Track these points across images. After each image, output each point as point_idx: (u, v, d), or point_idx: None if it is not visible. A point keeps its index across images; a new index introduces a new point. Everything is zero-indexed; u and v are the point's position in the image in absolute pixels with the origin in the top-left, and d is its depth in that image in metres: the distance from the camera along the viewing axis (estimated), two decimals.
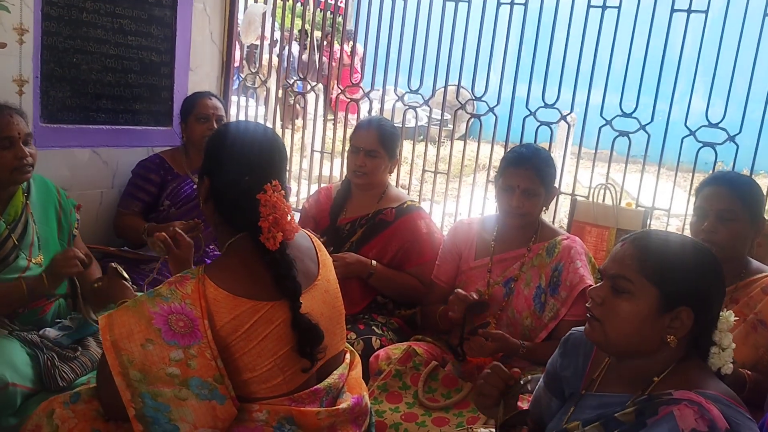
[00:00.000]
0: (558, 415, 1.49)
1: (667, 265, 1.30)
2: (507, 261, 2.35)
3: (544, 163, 2.27)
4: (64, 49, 2.83)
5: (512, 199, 2.23)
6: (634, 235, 1.37)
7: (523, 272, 2.32)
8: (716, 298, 1.33)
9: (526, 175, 2.22)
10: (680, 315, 1.28)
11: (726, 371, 1.30)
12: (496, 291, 2.34)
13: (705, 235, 1.96)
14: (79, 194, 2.97)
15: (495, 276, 2.36)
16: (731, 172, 2.15)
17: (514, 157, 2.29)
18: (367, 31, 3.49)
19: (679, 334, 1.29)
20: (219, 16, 3.54)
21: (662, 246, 1.33)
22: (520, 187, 2.22)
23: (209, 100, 2.98)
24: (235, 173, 1.50)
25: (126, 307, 1.42)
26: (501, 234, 2.39)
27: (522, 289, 2.30)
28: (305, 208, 2.87)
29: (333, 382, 1.59)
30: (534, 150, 2.33)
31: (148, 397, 1.36)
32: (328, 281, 1.64)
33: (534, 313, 2.26)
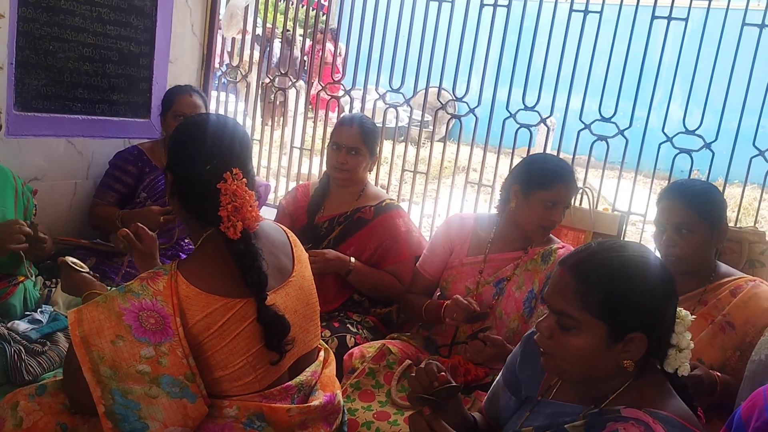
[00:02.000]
0: (513, 418, 1.49)
1: (611, 297, 1.24)
2: (501, 262, 2.34)
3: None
4: (41, 36, 2.78)
5: (556, 215, 2.23)
6: (574, 259, 1.30)
7: (516, 274, 2.31)
8: (668, 313, 1.29)
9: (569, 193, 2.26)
10: (633, 341, 1.24)
11: (682, 372, 1.29)
12: (486, 290, 2.32)
13: (665, 249, 1.98)
14: (53, 184, 2.93)
15: (486, 275, 2.34)
16: (689, 181, 2.13)
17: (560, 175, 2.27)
18: (350, 29, 3.48)
19: (634, 357, 1.26)
20: (201, 8, 3.50)
21: (604, 275, 1.26)
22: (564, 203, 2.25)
23: (189, 97, 2.92)
24: (197, 165, 1.48)
25: (96, 302, 1.39)
26: (500, 234, 2.37)
27: (513, 291, 2.29)
28: (282, 205, 2.85)
29: (305, 379, 1.58)
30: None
31: (118, 394, 1.34)
32: (303, 277, 1.63)
33: (522, 317, 2.26)
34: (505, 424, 1.54)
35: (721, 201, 2.05)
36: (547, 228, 2.27)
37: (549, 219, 2.24)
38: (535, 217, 2.24)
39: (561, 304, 1.28)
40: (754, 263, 2.31)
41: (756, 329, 1.86)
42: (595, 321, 1.24)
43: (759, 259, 2.32)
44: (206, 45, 3.56)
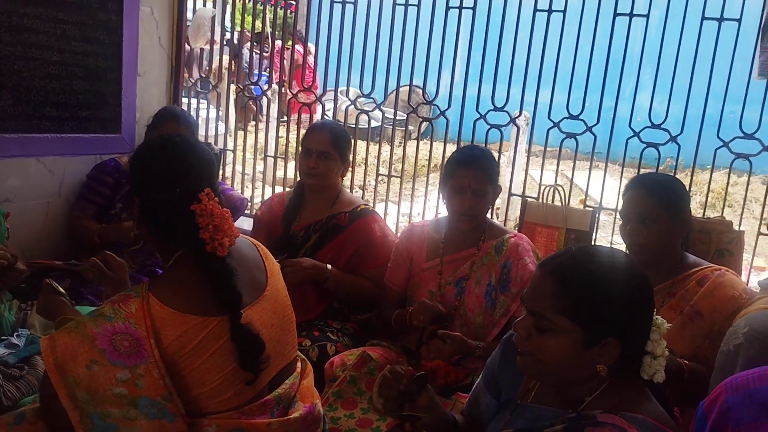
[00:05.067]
0: (494, 421, 1.51)
1: (587, 302, 1.26)
2: (457, 261, 2.39)
3: (490, 162, 2.35)
4: (5, 56, 2.75)
5: (464, 200, 2.27)
6: (553, 263, 1.33)
7: (473, 271, 2.35)
8: (644, 321, 1.32)
9: (475, 174, 2.26)
10: (607, 346, 1.27)
11: (657, 379, 1.31)
12: (448, 291, 2.37)
13: (629, 239, 2.03)
14: (24, 205, 2.91)
15: (446, 276, 2.39)
16: (652, 173, 2.21)
17: (463, 158, 2.32)
18: (318, 32, 3.48)
19: (608, 362, 1.28)
20: (167, 20, 3.48)
21: (582, 280, 1.28)
22: (471, 186, 2.26)
23: (177, 126, 2.86)
24: (164, 188, 1.48)
25: (68, 328, 1.39)
26: (450, 235, 2.43)
27: (473, 287, 2.34)
28: (257, 216, 2.86)
29: (283, 392, 1.59)
30: (480, 150, 2.40)
31: (96, 417, 1.35)
32: (277, 290, 1.64)
33: (486, 311, 2.30)
34: (486, 425, 1.56)
35: (683, 192, 2.09)
36: (462, 214, 2.31)
37: (460, 204, 2.29)
38: (450, 206, 2.33)
39: (538, 306, 1.30)
40: (722, 252, 2.36)
41: (723, 317, 1.91)
42: (571, 324, 1.26)
43: (728, 248, 2.37)
44: (174, 57, 3.54)
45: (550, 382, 1.37)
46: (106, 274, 1.83)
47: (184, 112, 3.11)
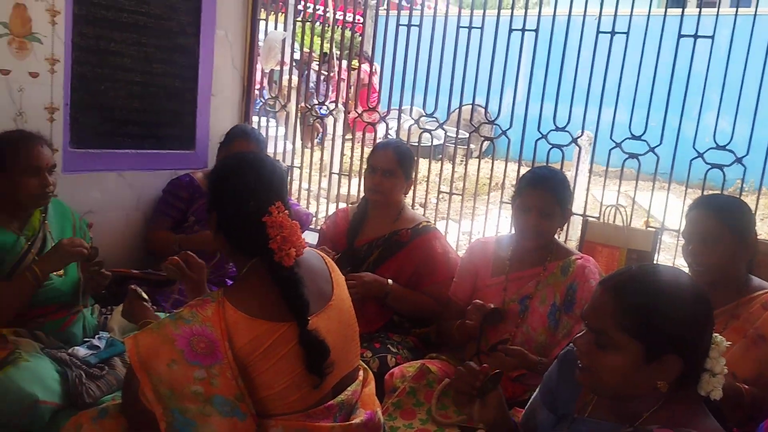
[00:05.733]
0: None
1: (647, 318, 1.28)
2: (522, 279, 2.41)
3: (560, 185, 2.34)
4: (93, 77, 2.97)
5: (529, 219, 2.30)
6: (613, 281, 1.35)
7: (538, 290, 2.37)
8: (704, 338, 1.32)
9: (542, 195, 2.29)
10: (667, 362, 1.28)
11: (715, 396, 1.31)
12: (512, 308, 2.39)
13: (691, 259, 2.01)
14: (106, 216, 3.09)
15: (510, 294, 2.41)
16: (716, 194, 2.18)
17: (533, 179, 2.36)
18: (384, 53, 3.59)
19: (669, 379, 1.29)
20: (240, 42, 3.66)
21: (642, 296, 1.30)
22: (537, 207, 2.29)
23: (247, 143, 3.04)
24: (239, 202, 1.58)
25: (150, 329, 1.50)
26: (516, 253, 2.45)
27: (537, 306, 2.35)
28: (323, 230, 2.96)
29: (346, 398, 1.65)
30: (551, 171, 2.41)
31: (177, 412, 1.44)
32: (342, 300, 1.71)
33: (548, 330, 2.32)
34: None
35: (748, 213, 2.07)
36: (526, 235, 2.34)
37: (524, 224, 2.32)
38: (516, 225, 2.36)
39: (598, 323, 1.32)
40: None
41: None
42: (631, 341, 1.28)
43: None
44: (246, 77, 3.71)
45: (609, 397, 1.39)
46: (185, 273, 1.95)
47: (254, 130, 3.25)
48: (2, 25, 2.54)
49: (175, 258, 1.97)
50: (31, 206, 2.41)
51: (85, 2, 2.87)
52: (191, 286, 1.95)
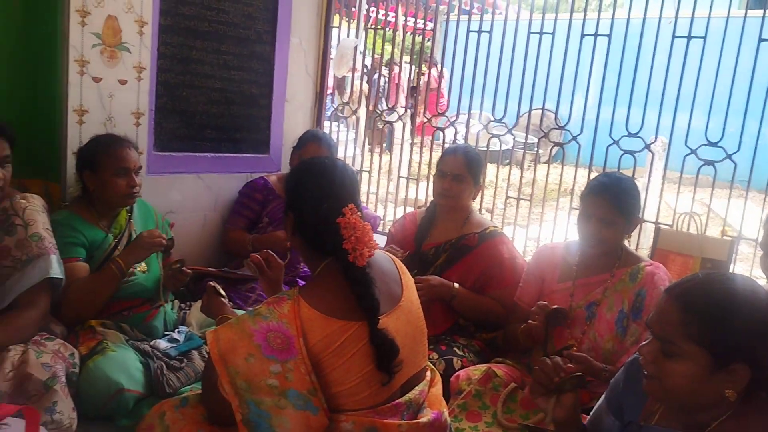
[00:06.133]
0: None
1: (714, 327, 1.26)
2: (589, 285, 2.40)
3: (624, 194, 2.30)
4: (176, 84, 3.12)
5: (589, 227, 2.29)
6: (680, 289, 1.33)
7: (605, 297, 2.35)
8: None
9: (604, 204, 2.27)
10: (735, 371, 1.26)
11: None
12: (578, 314, 2.38)
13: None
14: (185, 216, 3.25)
15: (577, 299, 2.40)
16: None
17: (595, 186, 2.35)
18: (453, 59, 3.62)
19: (737, 388, 1.27)
20: (314, 50, 3.77)
21: (709, 304, 1.28)
22: (597, 215, 2.28)
23: (318, 147, 3.16)
24: (314, 204, 1.65)
25: (230, 324, 1.58)
26: (583, 259, 2.44)
27: (604, 313, 2.34)
28: (391, 233, 3.01)
29: (414, 397, 1.69)
30: (616, 180, 2.36)
31: (252, 404, 1.51)
32: (411, 302, 1.75)
33: (616, 337, 2.29)
34: None
35: None
36: (587, 241, 2.32)
37: (584, 231, 2.31)
38: (579, 232, 2.34)
39: (665, 332, 1.32)
40: None
41: None
42: (698, 349, 1.27)
43: None
44: (319, 83, 3.82)
45: (676, 405, 1.38)
46: (264, 271, 2.04)
47: (326, 134, 3.35)
48: (95, 35, 2.72)
49: (256, 256, 2.06)
50: (119, 205, 2.57)
51: (170, 13, 3.03)
52: (268, 284, 2.04)
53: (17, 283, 2.13)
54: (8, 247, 2.14)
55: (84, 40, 2.68)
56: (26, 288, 2.13)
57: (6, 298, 2.12)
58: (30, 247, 2.16)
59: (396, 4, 4.14)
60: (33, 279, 2.14)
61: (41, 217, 2.25)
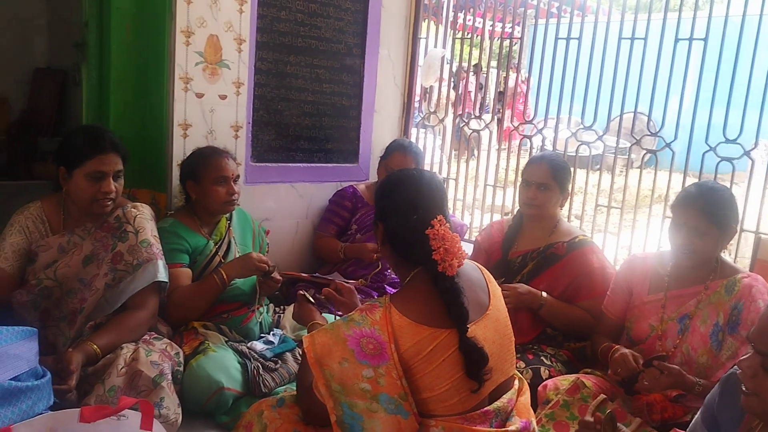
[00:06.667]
0: None
1: None
2: (682, 297, 2.34)
3: (717, 204, 2.23)
4: (271, 98, 3.28)
5: (679, 237, 2.24)
6: None
7: (699, 309, 2.29)
8: None
9: (694, 214, 2.22)
10: None
11: None
12: (670, 327, 2.33)
13: None
14: (279, 224, 3.39)
15: (669, 312, 2.35)
16: None
17: (685, 196, 2.29)
18: (541, 66, 3.60)
19: None
20: (402, 61, 3.85)
21: None
22: (688, 225, 2.22)
23: (404, 156, 3.24)
24: (403, 216, 1.70)
25: (325, 329, 1.66)
26: (676, 270, 2.38)
27: (698, 326, 2.27)
28: (478, 241, 3.03)
29: (502, 405, 1.71)
30: (709, 189, 2.28)
31: (346, 406, 1.58)
32: (498, 310, 1.78)
33: (710, 351, 2.22)
34: None
35: None
36: (679, 253, 2.26)
37: (674, 240, 2.26)
38: (670, 242, 2.29)
39: (767, 346, 1.29)
40: None
41: None
42: None
43: None
44: (406, 94, 3.89)
45: None
46: (337, 300, 2.13)
47: (412, 144, 3.41)
48: (198, 54, 2.89)
49: (327, 290, 2.14)
50: (219, 212, 2.73)
51: (266, 30, 3.18)
52: (345, 308, 2.11)
53: (129, 285, 2.31)
54: (121, 253, 2.33)
55: (188, 59, 2.87)
56: (137, 290, 2.31)
57: (118, 300, 2.31)
58: (140, 253, 2.34)
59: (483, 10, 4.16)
60: (143, 282, 2.32)
61: (150, 225, 2.43)
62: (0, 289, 2.28)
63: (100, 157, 2.28)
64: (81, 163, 2.27)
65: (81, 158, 2.27)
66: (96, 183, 2.29)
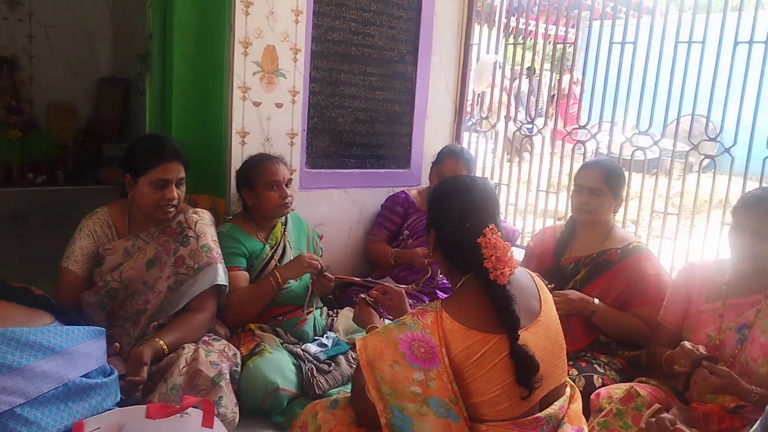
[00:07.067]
0: None
1: None
2: (741, 306, 2.28)
3: None
4: (326, 105, 3.35)
5: (741, 240, 2.19)
6: None
7: (759, 319, 2.23)
8: None
9: (757, 216, 2.17)
10: None
11: None
12: (728, 336, 2.28)
13: None
14: (332, 228, 3.46)
15: (727, 321, 2.29)
16: None
17: (747, 198, 2.24)
18: (595, 70, 3.57)
19: None
20: (454, 67, 3.87)
21: None
22: (751, 228, 2.17)
23: (455, 163, 3.27)
24: (455, 224, 1.72)
25: (377, 332, 1.70)
26: (735, 278, 2.32)
27: (757, 336, 2.21)
28: (530, 246, 3.02)
29: (553, 412, 1.72)
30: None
31: (396, 409, 1.61)
32: (549, 317, 1.78)
33: None
34: None
35: None
36: (740, 258, 2.20)
37: (737, 245, 2.20)
38: (731, 246, 2.23)
39: None
40: None
41: None
42: None
43: None
44: (458, 99, 3.91)
45: None
46: (386, 304, 2.17)
47: (464, 150, 3.42)
48: (256, 64, 2.99)
49: (374, 292, 2.19)
50: (274, 216, 2.81)
51: (321, 39, 3.26)
52: (394, 312, 2.15)
53: (190, 288, 2.41)
54: (183, 257, 2.42)
55: (246, 69, 2.96)
56: (197, 293, 2.40)
57: (180, 302, 2.40)
58: (201, 257, 2.43)
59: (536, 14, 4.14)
60: (203, 285, 2.41)
61: (210, 230, 2.52)
62: (70, 290, 2.40)
63: (164, 165, 2.38)
64: (145, 171, 2.38)
65: (145, 166, 2.38)
66: (159, 190, 2.39)
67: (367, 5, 3.41)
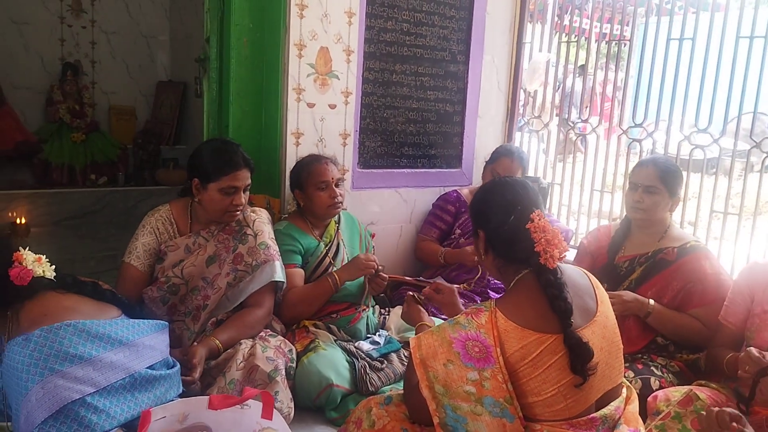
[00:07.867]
0: None
1: None
2: None
3: None
4: (377, 106, 3.38)
5: None
6: None
7: None
8: None
9: None
10: None
11: None
12: None
13: None
14: (384, 228, 3.48)
15: None
16: None
17: None
18: (652, 67, 3.50)
19: None
20: (506, 66, 3.85)
21: None
22: None
23: (510, 162, 3.29)
24: (503, 215, 1.73)
25: (431, 331, 1.71)
26: None
27: None
28: (583, 244, 2.98)
29: (609, 413, 1.70)
30: None
31: (449, 408, 1.62)
32: (606, 317, 1.76)
33: None
34: None
35: None
36: None
37: None
38: None
39: None
40: None
41: None
42: None
43: None
44: (510, 99, 3.89)
45: None
46: (436, 299, 2.20)
47: (518, 149, 3.41)
48: (310, 66, 3.04)
49: (426, 290, 2.22)
50: (325, 216, 2.86)
51: (373, 41, 3.29)
52: (446, 307, 2.17)
53: (248, 285, 2.47)
54: (241, 254, 2.49)
55: (300, 70, 3.01)
56: (255, 289, 2.46)
57: (238, 298, 2.47)
58: (258, 254, 2.49)
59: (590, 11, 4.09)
60: (261, 282, 2.47)
61: (267, 228, 2.58)
62: (132, 285, 2.48)
63: (235, 173, 2.45)
64: (216, 178, 2.44)
65: (217, 174, 2.44)
66: (229, 196, 2.46)
67: (419, 6, 3.42)
